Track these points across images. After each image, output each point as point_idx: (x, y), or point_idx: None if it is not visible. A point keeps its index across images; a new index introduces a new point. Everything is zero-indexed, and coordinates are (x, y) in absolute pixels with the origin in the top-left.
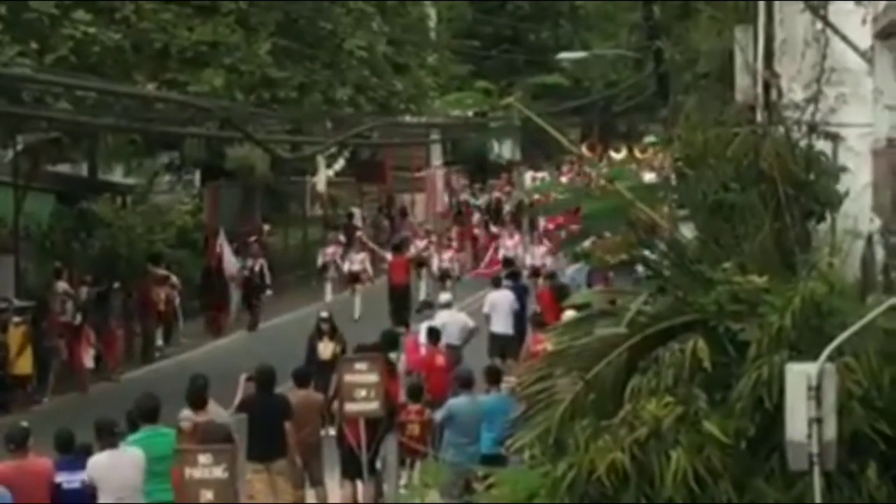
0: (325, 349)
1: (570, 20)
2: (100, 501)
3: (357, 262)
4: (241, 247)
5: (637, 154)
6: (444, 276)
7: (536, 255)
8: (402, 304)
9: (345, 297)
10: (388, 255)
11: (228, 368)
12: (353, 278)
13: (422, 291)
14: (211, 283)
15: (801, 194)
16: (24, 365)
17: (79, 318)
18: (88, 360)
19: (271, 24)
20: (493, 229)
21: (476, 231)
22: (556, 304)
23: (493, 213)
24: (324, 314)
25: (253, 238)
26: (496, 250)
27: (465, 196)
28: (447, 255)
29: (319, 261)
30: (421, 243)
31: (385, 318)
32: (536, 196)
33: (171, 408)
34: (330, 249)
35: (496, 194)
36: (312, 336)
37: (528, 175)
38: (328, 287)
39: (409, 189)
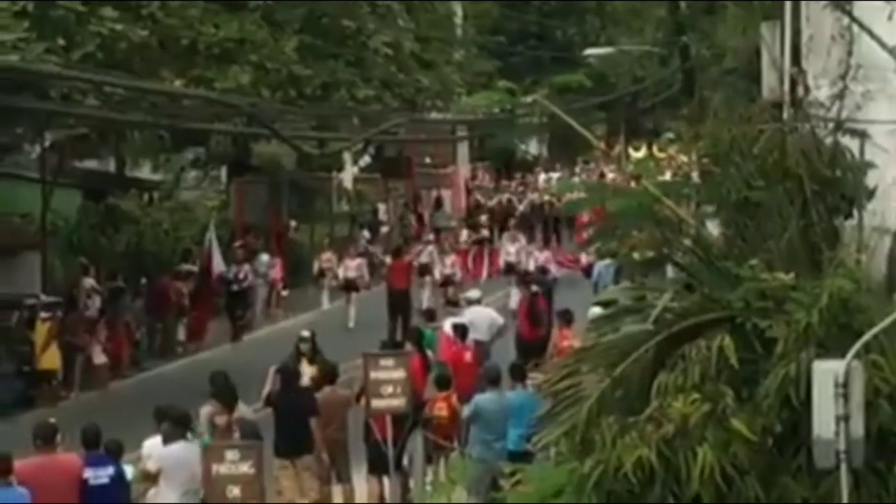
0: (304, 373)
1: (596, 16)
2: (164, 492)
3: (353, 268)
4: (266, 243)
5: (656, 152)
6: (445, 282)
7: (539, 261)
8: (400, 310)
9: (342, 305)
10: (388, 259)
11: (252, 365)
12: (349, 285)
13: (424, 299)
14: (200, 285)
15: (827, 191)
16: (49, 360)
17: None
18: (98, 357)
19: (297, 20)
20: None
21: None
22: (528, 318)
23: (502, 215)
24: (304, 333)
25: (238, 243)
26: (489, 257)
27: (478, 196)
28: (449, 260)
29: (316, 267)
30: (422, 248)
31: (383, 326)
32: (546, 197)
33: (193, 404)
34: (326, 255)
35: (507, 196)
36: (291, 358)
37: (542, 176)
38: (325, 295)
39: (435, 185)
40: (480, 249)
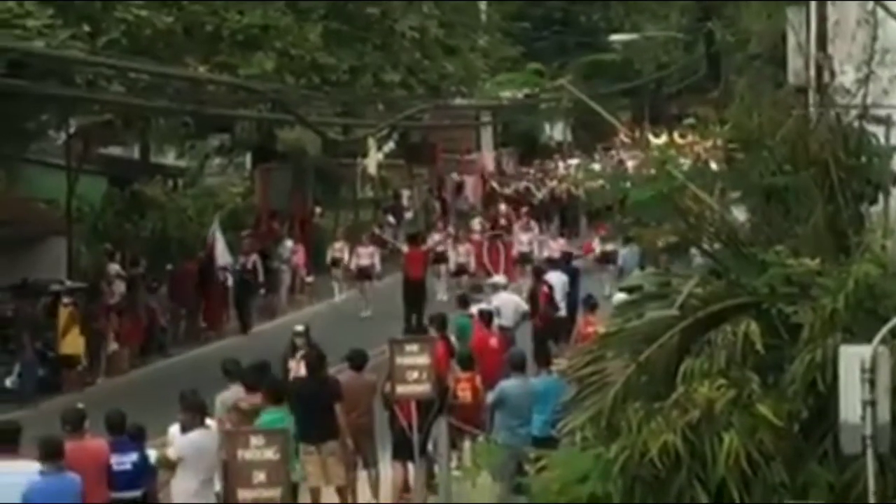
0: (299, 368)
1: (620, 2)
2: (183, 480)
3: (365, 255)
4: (291, 230)
5: (676, 138)
6: (459, 271)
7: (553, 250)
8: (416, 299)
9: (355, 295)
10: (405, 248)
11: (277, 350)
12: (362, 273)
13: (439, 290)
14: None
15: (853, 177)
16: (70, 345)
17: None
18: (112, 344)
19: (322, 7)
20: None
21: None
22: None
23: (518, 204)
24: (298, 328)
25: (246, 233)
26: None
27: (493, 184)
28: (463, 248)
29: (329, 256)
30: (438, 237)
31: (398, 315)
32: (565, 185)
33: (218, 390)
34: (338, 244)
35: (524, 183)
36: (286, 352)
37: (560, 164)
38: (337, 285)
39: (460, 171)
40: (495, 241)
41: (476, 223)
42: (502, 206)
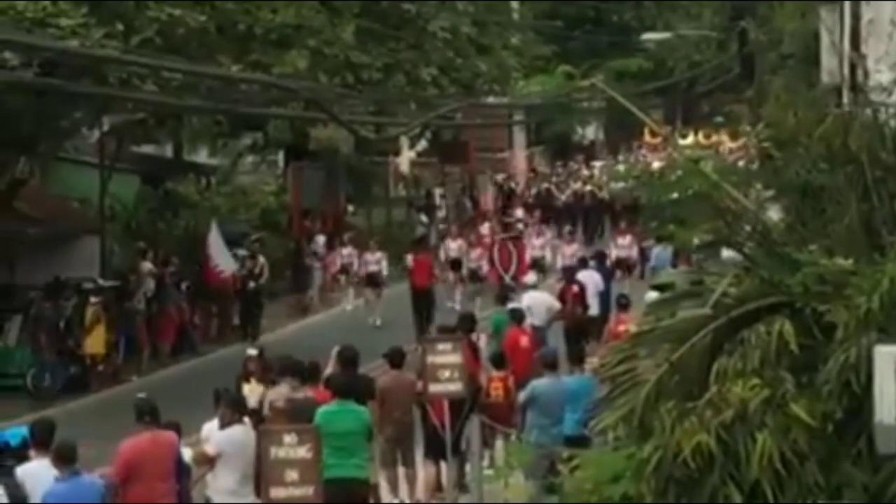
0: (252, 393)
1: (653, 1)
2: (221, 476)
3: (373, 262)
4: (323, 228)
5: (701, 139)
6: (472, 276)
7: (566, 256)
8: (424, 308)
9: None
10: (409, 256)
11: (312, 347)
12: (370, 280)
13: (457, 299)
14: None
15: (889, 176)
16: (93, 344)
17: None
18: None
19: (355, 5)
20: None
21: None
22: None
23: (540, 206)
24: (251, 351)
25: (254, 237)
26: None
27: (512, 185)
28: (475, 253)
29: (338, 262)
30: (454, 244)
31: (408, 324)
32: (589, 187)
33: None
34: (346, 251)
35: (545, 185)
36: (239, 376)
37: (584, 166)
38: (348, 293)
39: (492, 170)
40: (506, 243)
41: (485, 227)
42: (519, 211)
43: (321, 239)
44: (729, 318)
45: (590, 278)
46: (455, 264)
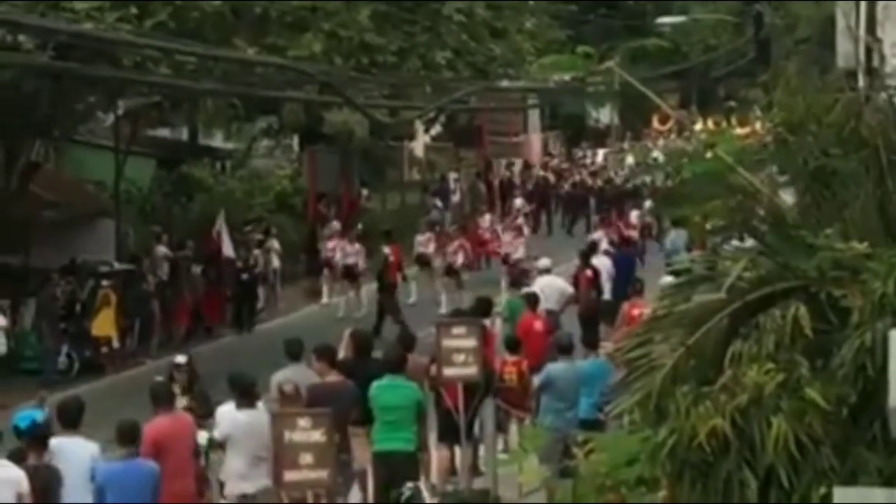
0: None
1: None
2: (232, 459)
3: (352, 254)
4: (339, 213)
5: (710, 125)
6: (449, 271)
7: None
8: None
9: (343, 297)
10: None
11: (327, 331)
12: (348, 273)
13: (441, 294)
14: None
15: None
16: (100, 326)
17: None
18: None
19: None
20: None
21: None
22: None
23: (540, 196)
24: (179, 359)
25: (248, 228)
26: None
27: (508, 174)
28: (451, 247)
29: (322, 256)
30: (422, 237)
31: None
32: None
33: (264, 372)
34: (331, 244)
35: (541, 173)
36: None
37: (589, 154)
38: (327, 286)
39: (507, 154)
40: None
41: (486, 219)
42: (518, 201)
43: (335, 224)
44: (744, 302)
45: (602, 264)
46: (421, 259)
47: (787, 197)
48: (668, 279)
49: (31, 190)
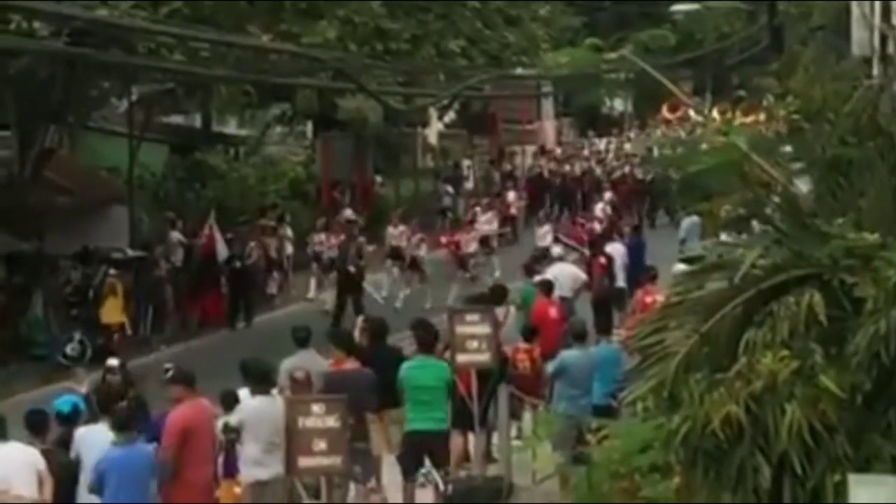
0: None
1: None
2: (246, 445)
3: (336, 246)
4: (352, 199)
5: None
6: (412, 264)
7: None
8: (350, 290)
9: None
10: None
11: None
12: (331, 266)
13: (384, 286)
14: (203, 268)
15: None
16: (107, 314)
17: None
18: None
19: None
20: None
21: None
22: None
23: (537, 188)
24: (112, 362)
25: (242, 219)
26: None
27: (509, 165)
28: (415, 239)
29: (310, 250)
30: (395, 231)
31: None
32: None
33: (273, 359)
34: (318, 238)
35: (538, 165)
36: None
37: (586, 144)
38: (315, 280)
39: (520, 142)
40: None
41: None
42: (510, 194)
43: (348, 211)
44: (758, 289)
45: (616, 251)
46: (394, 252)
47: (802, 185)
48: (681, 267)
49: (45, 176)
